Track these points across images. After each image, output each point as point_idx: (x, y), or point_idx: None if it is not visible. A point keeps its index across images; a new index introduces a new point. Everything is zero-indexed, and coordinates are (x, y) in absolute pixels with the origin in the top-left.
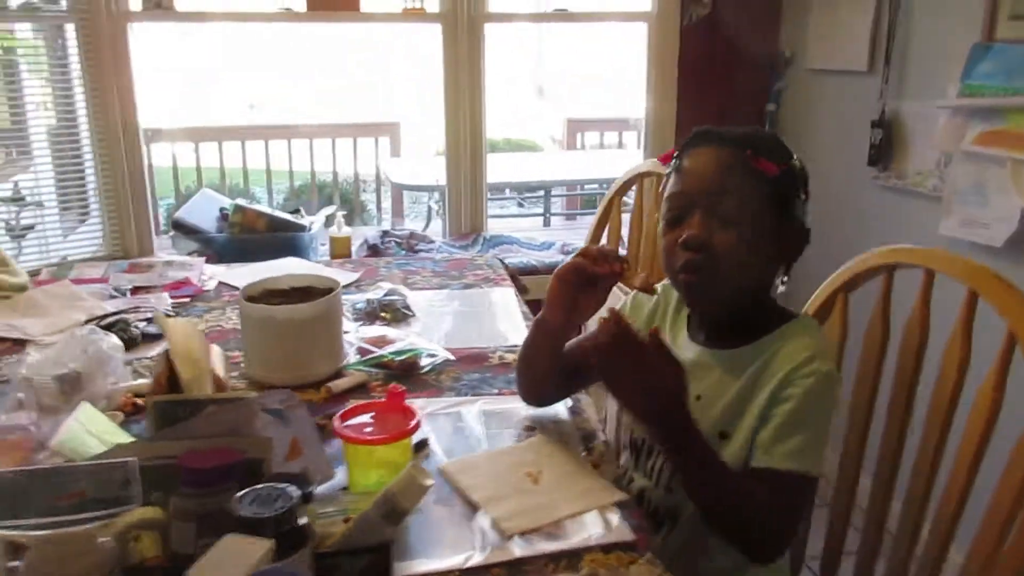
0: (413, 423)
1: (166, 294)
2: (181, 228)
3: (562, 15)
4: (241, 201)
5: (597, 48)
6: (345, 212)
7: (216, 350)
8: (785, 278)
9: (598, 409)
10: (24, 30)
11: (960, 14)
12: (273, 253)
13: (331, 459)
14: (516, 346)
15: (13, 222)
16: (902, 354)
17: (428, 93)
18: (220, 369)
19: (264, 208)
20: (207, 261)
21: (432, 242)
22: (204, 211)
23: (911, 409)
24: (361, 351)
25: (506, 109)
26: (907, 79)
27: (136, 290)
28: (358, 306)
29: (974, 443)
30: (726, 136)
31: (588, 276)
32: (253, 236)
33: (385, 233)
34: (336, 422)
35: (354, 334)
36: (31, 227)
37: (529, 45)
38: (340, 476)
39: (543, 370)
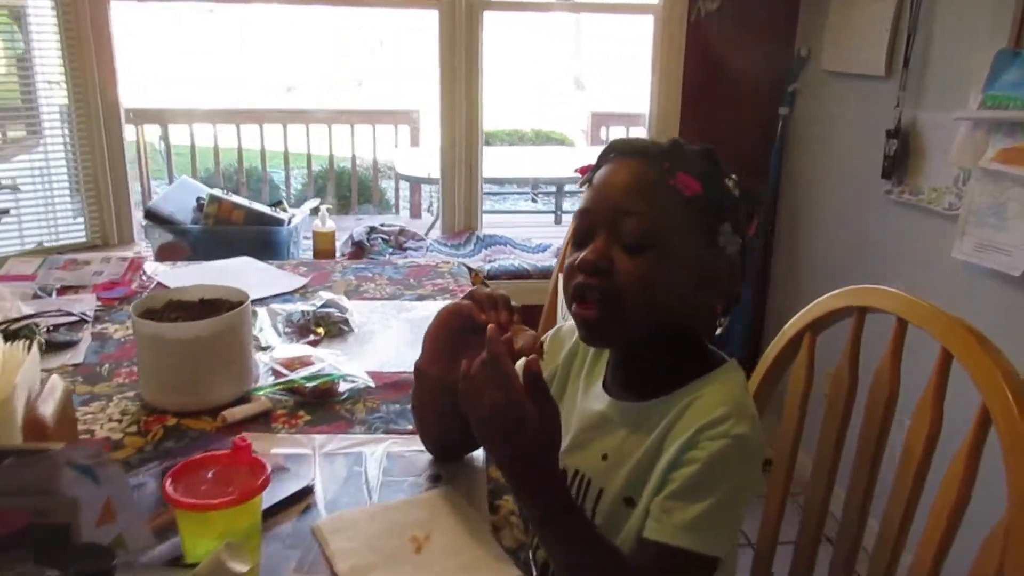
0: (261, 480)
1: (94, 295)
2: (154, 218)
3: (566, 4)
4: (217, 191)
5: (623, 39)
6: (326, 203)
7: (54, 384)
8: (722, 320)
9: None
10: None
11: (986, 17)
12: (249, 247)
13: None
14: None
15: None
16: (869, 409)
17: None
18: (48, 409)
19: (241, 200)
20: (171, 256)
21: (422, 240)
22: (181, 200)
23: (876, 474)
24: (275, 373)
25: (540, 100)
26: (926, 86)
27: (64, 290)
28: (293, 318)
29: (940, 528)
30: (645, 148)
31: (472, 323)
32: (228, 228)
33: (372, 229)
34: (166, 481)
35: (271, 353)
36: (6, 211)
37: (567, 34)
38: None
39: (433, 423)
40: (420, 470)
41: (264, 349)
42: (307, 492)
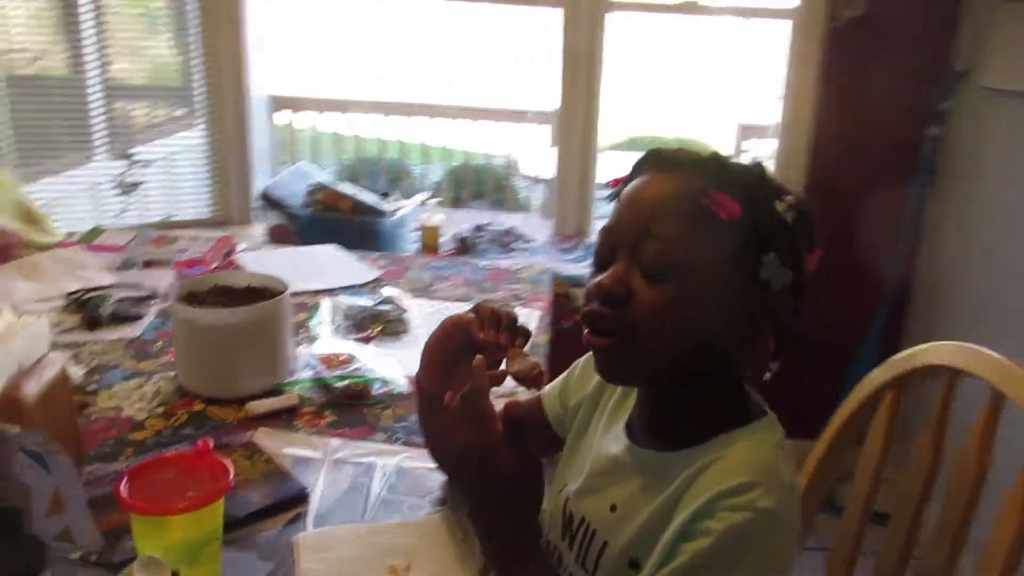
0: (221, 485)
1: (173, 272)
2: (268, 200)
3: (694, 6)
4: (325, 179)
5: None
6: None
7: (50, 363)
8: (774, 364)
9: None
10: None
11: None
12: (352, 236)
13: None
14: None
15: (123, 178)
16: (953, 489)
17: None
18: (30, 388)
19: (348, 189)
20: (280, 239)
21: (530, 241)
22: (296, 185)
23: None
24: (315, 368)
25: (685, 107)
26: None
27: (148, 264)
28: (351, 312)
29: None
30: (680, 161)
31: (472, 339)
32: (334, 216)
33: (479, 227)
34: (121, 481)
35: (312, 347)
36: (135, 185)
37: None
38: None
39: (435, 439)
40: (426, 491)
41: (314, 341)
42: (300, 500)
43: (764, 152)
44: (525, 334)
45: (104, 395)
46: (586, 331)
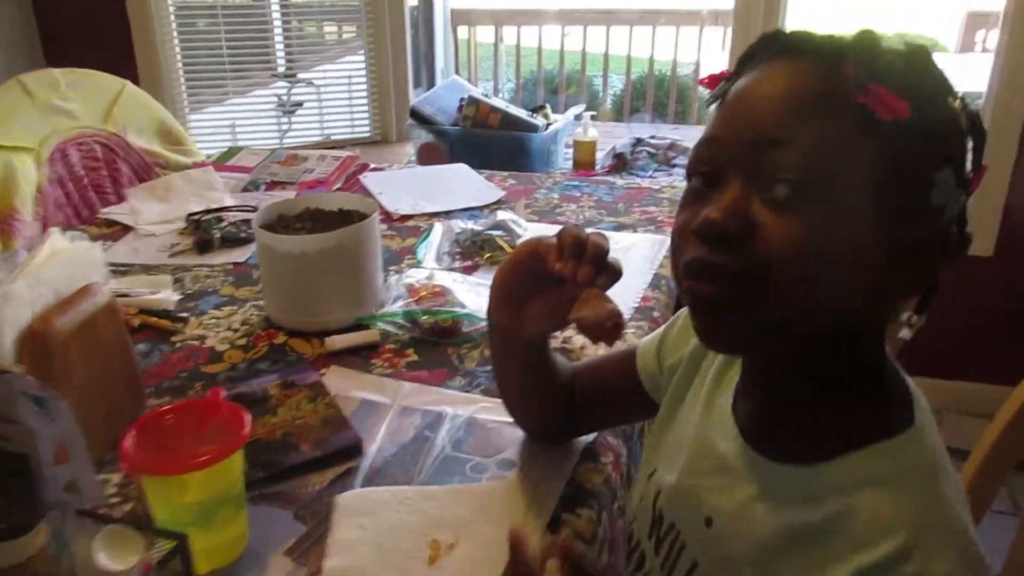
0: (237, 437)
1: (295, 193)
2: (417, 117)
3: None
4: (476, 93)
5: None
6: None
7: (94, 294)
8: (913, 316)
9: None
10: None
11: None
12: (503, 152)
13: None
14: None
15: (285, 98)
16: None
17: None
18: (60, 321)
19: (499, 102)
20: (430, 157)
21: None
22: (447, 100)
23: None
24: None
25: None
26: None
27: (272, 185)
28: (462, 238)
29: None
30: (815, 44)
31: (548, 271)
32: (484, 132)
33: (639, 141)
34: (128, 436)
35: (403, 276)
36: (300, 104)
37: None
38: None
39: (507, 383)
40: (496, 449)
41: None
42: (353, 452)
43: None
44: (614, 273)
45: (194, 323)
46: (686, 280)
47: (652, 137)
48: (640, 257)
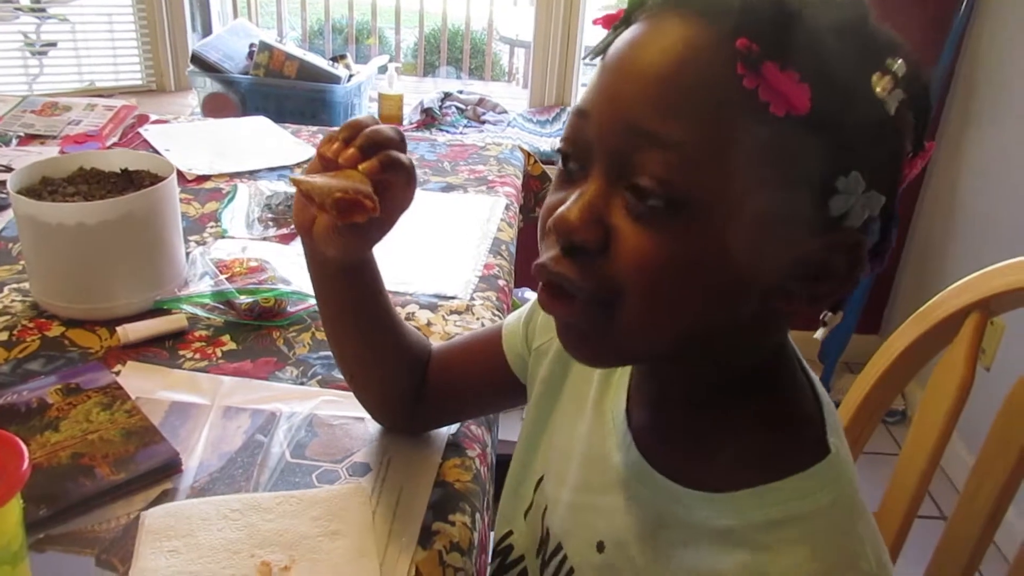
0: (12, 477)
1: (58, 149)
2: (200, 64)
3: None
4: (268, 38)
5: None
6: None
7: None
8: (828, 314)
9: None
10: None
11: None
12: (300, 105)
13: None
14: (448, 298)
15: (33, 36)
16: None
17: None
18: None
19: (295, 50)
20: (217, 110)
21: (504, 112)
22: (234, 46)
23: None
24: (214, 279)
25: None
26: None
27: (27, 139)
28: (274, 202)
29: None
30: None
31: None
32: (281, 82)
33: (447, 96)
34: None
35: (208, 249)
36: (53, 44)
37: None
38: None
39: (347, 335)
40: (345, 451)
41: (220, 241)
42: (167, 471)
43: None
44: (387, 162)
45: None
46: (540, 286)
47: (460, 92)
48: (476, 221)
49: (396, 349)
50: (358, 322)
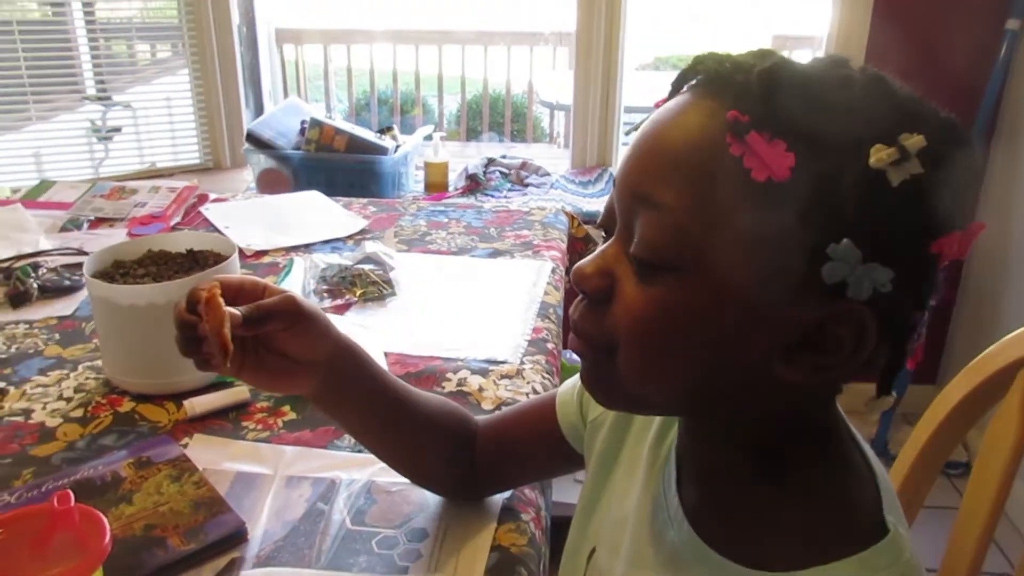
0: (95, 551)
1: (125, 230)
2: (254, 141)
3: None
4: (318, 114)
5: None
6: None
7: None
8: (892, 395)
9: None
10: None
11: None
12: (351, 177)
13: None
14: (498, 362)
15: (99, 122)
16: None
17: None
18: None
19: (344, 124)
20: (272, 185)
21: (547, 175)
22: (285, 124)
23: None
24: None
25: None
26: None
27: (97, 222)
28: (328, 274)
29: None
30: (729, 76)
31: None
32: (330, 156)
33: (490, 161)
34: None
35: None
36: (118, 129)
37: None
38: None
39: (371, 439)
40: (404, 517)
41: None
42: (234, 541)
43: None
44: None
45: (14, 394)
46: (572, 332)
47: (503, 156)
48: (524, 285)
49: (425, 434)
50: (369, 426)
